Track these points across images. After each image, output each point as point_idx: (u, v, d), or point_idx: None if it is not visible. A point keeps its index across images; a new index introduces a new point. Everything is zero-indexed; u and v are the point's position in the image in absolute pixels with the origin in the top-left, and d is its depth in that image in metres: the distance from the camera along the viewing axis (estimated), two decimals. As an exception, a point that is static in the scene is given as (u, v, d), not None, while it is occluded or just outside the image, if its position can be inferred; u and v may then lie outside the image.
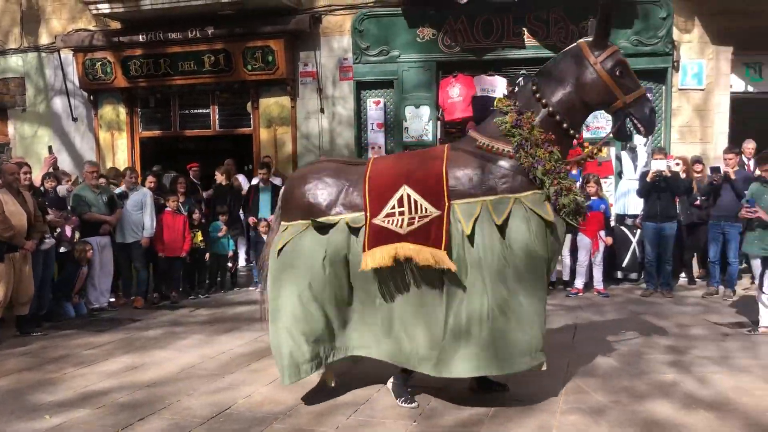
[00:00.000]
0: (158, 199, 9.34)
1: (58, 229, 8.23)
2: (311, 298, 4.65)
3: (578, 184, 9.85)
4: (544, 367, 4.60)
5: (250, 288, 9.99)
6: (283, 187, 5.31)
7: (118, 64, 11.95)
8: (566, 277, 9.42)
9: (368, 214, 4.63)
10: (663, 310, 8.04)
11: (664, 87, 10.50)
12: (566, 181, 4.56)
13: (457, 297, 4.48)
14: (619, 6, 10.14)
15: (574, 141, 4.96)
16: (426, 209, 4.52)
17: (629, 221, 9.85)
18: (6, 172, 7.20)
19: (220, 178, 10.41)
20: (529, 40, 10.61)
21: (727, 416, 4.56)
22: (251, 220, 10.20)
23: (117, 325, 7.80)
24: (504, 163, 4.58)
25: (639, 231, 9.50)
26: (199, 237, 9.44)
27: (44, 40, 12.77)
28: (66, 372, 5.86)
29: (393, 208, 4.59)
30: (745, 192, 7.45)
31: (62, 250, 8.24)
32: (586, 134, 10.13)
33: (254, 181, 10.73)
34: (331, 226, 4.69)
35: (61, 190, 8.86)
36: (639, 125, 4.73)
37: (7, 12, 12.97)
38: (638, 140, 10.20)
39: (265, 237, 9.79)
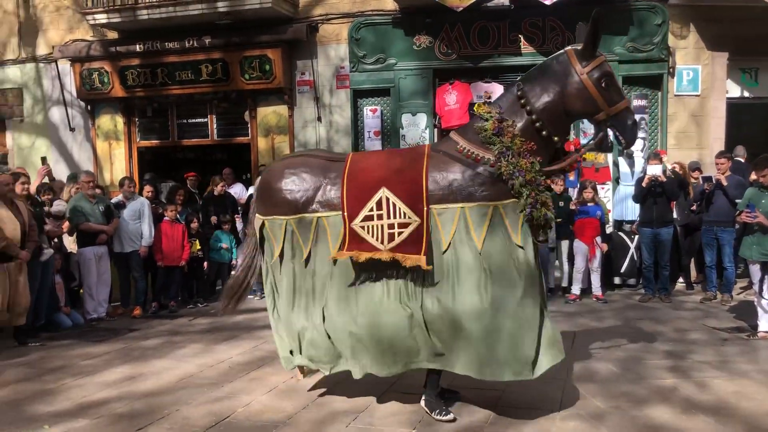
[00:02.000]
0: (156, 208, 9.32)
1: (55, 239, 8.21)
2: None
3: (572, 190, 9.91)
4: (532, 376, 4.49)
5: (249, 296, 9.94)
6: (258, 179, 5.36)
7: (116, 74, 11.97)
8: (564, 283, 9.43)
9: (346, 215, 4.69)
10: (661, 315, 8.05)
11: (659, 93, 10.54)
12: (542, 195, 4.53)
13: (429, 295, 4.53)
14: (615, 12, 10.22)
15: (572, 147, 4.96)
16: (405, 214, 4.56)
17: (627, 227, 9.87)
18: (0, 183, 7.20)
19: (218, 188, 10.34)
20: (525, 47, 10.65)
21: (727, 421, 4.56)
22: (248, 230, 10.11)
23: (115, 335, 7.78)
24: (483, 171, 4.56)
25: (636, 236, 9.52)
26: (197, 246, 9.44)
27: (42, 50, 12.79)
28: (64, 382, 5.84)
29: (371, 210, 4.63)
30: (738, 200, 7.48)
31: (43, 258, 7.84)
32: (583, 140, 10.18)
33: (252, 190, 10.70)
34: (309, 222, 4.79)
35: (60, 206, 8.62)
36: (620, 137, 4.69)
37: (5, 23, 12.99)
38: (635, 146, 10.23)
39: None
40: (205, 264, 9.61)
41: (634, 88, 10.49)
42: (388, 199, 4.61)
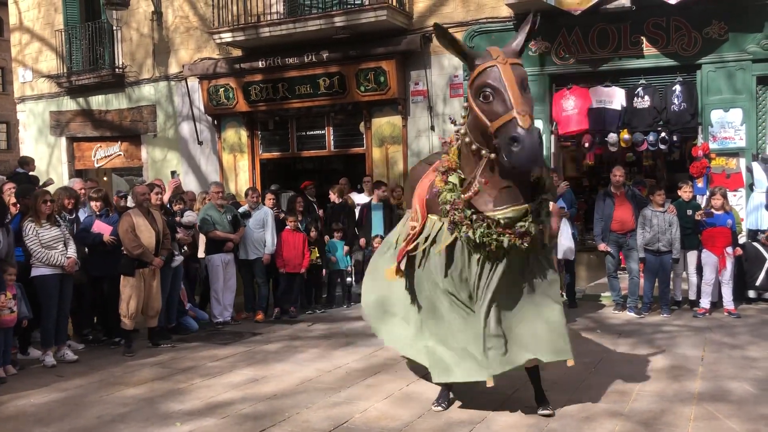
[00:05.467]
0: (278, 215, 9.64)
1: (185, 247, 8.69)
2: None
3: (700, 198, 9.34)
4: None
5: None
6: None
7: (240, 90, 12.57)
8: (692, 296, 8.89)
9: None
10: (804, 332, 7.44)
11: (799, 92, 9.79)
12: (459, 213, 4.66)
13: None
14: (749, 7, 9.60)
15: (699, 152, 4.84)
16: (416, 218, 5.24)
17: (762, 237, 9.20)
18: (137, 194, 7.73)
19: (333, 197, 10.62)
20: (647, 48, 10.20)
21: None
22: (361, 242, 10.19)
23: (239, 338, 8.13)
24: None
25: (774, 247, 8.85)
26: (316, 254, 9.70)
27: (173, 69, 13.66)
28: (193, 382, 6.17)
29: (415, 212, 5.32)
30: None
31: (174, 264, 8.25)
32: (712, 144, 9.61)
33: (366, 200, 10.84)
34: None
35: (190, 216, 8.94)
36: (503, 155, 4.34)
37: (141, 45, 14.00)
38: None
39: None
40: (324, 271, 9.88)
41: (770, 89, 9.81)
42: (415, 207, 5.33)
